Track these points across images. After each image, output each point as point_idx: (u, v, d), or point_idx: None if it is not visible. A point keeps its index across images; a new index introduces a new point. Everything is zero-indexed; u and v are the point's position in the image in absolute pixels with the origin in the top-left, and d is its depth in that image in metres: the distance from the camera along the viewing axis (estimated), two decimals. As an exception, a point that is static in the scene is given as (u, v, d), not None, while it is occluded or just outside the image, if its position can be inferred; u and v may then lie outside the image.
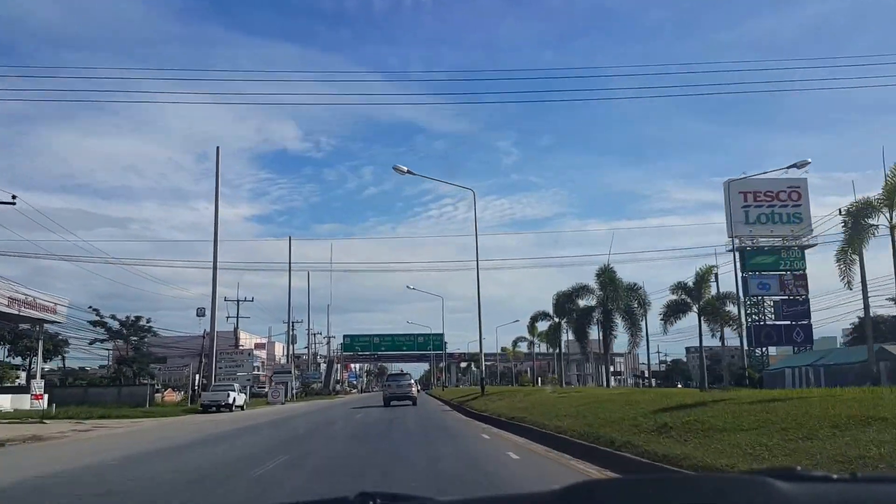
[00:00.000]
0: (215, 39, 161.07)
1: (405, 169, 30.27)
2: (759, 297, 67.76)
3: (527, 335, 68.67)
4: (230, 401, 35.75)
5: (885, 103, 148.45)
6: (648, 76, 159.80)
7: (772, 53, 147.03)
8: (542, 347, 75.52)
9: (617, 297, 36.41)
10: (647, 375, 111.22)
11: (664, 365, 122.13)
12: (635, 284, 37.65)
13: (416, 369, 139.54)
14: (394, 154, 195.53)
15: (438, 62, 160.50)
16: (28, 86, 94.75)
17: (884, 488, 1.45)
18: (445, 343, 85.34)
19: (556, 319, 48.00)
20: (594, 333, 49.49)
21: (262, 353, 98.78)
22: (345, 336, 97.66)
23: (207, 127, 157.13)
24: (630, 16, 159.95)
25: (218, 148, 44.10)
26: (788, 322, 67.51)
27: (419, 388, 66.88)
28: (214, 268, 42.48)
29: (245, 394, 45.03)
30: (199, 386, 46.75)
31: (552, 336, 48.84)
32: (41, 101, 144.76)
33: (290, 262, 61.95)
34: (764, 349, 68.36)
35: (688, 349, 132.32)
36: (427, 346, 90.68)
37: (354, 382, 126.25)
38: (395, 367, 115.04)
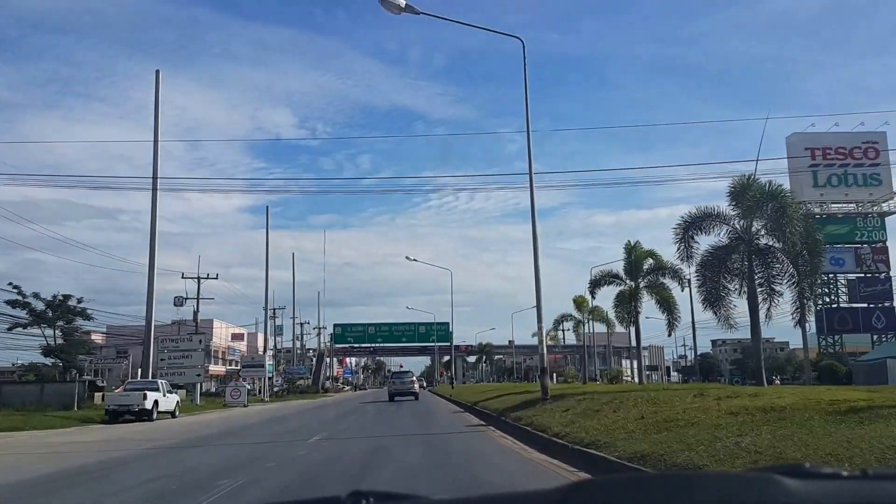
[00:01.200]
0: (206, 23, 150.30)
1: (403, 3, 19.12)
2: (831, 275, 56.83)
3: (574, 312, 53.80)
4: (148, 405, 24.37)
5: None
6: (655, 59, 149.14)
7: (788, 33, 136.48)
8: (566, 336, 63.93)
9: (786, 226, 20.85)
10: (671, 370, 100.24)
11: (682, 360, 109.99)
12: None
13: (417, 364, 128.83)
14: (393, 140, 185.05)
15: (439, 45, 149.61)
16: (12, 72, 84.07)
17: (895, 486, 1.38)
18: (451, 332, 73.62)
19: (631, 283, 32.50)
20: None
21: (243, 346, 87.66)
22: (335, 325, 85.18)
23: (198, 114, 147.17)
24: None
25: (158, 71, 33.98)
26: (866, 305, 56.73)
27: (422, 384, 57.60)
28: (153, 217, 32.14)
29: (181, 393, 33.99)
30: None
31: (625, 307, 32.68)
32: (26, 88, 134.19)
33: (267, 230, 51.04)
34: (837, 337, 57.37)
35: (713, 342, 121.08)
36: (429, 336, 79.20)
37: (350, 379, 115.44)
38: (393, 362, 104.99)
